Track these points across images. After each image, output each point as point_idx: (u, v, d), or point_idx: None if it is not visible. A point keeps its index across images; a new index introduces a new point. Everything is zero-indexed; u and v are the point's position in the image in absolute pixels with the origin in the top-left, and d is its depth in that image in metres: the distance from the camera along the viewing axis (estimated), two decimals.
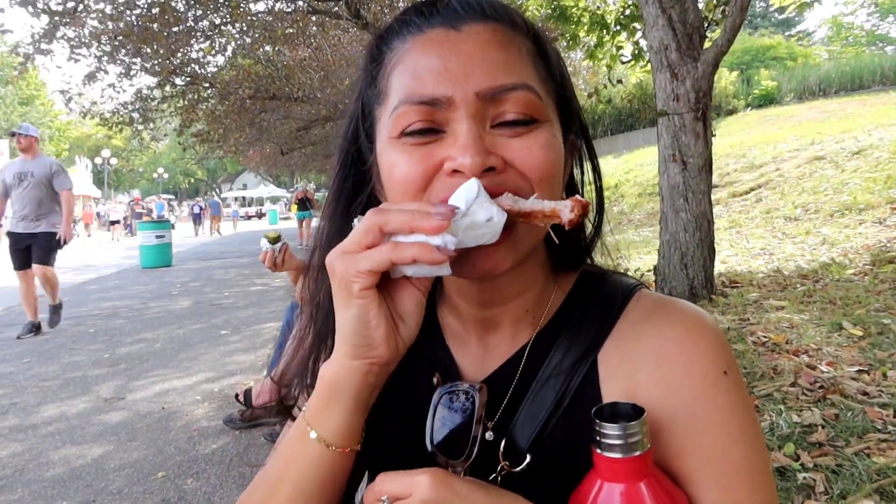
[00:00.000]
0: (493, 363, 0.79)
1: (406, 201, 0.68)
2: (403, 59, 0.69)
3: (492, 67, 0.65)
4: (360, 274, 0.60)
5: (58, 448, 4.25)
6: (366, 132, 0.76)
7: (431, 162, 0.66)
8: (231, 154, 22.96)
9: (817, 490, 2.58)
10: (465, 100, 0.64)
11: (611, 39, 9.29)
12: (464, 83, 0.64)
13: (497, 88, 0.65)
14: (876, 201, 8.64)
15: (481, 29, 0.67)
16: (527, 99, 0.66)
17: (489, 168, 0.63)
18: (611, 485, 0.61)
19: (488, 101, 0.65)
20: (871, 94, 22.90)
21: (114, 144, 54.08)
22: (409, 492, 0.61)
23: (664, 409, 0.68)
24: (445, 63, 0.65)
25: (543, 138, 0.67)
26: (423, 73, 0.66)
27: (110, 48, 11.48)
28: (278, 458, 0.74)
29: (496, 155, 0.64)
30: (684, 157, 5.64)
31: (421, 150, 0.67)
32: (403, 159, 0.67)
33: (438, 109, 0.65)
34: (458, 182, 0.63)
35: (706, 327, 0.72)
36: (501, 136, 0.66)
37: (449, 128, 0.66)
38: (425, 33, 0.69)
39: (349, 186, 0.79)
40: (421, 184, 0.67)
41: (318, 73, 14.17)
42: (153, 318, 8.78)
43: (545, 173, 0.66)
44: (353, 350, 0.64)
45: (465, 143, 0.63)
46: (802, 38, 55.70)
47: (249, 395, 4.36)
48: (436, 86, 0.65)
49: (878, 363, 3.73)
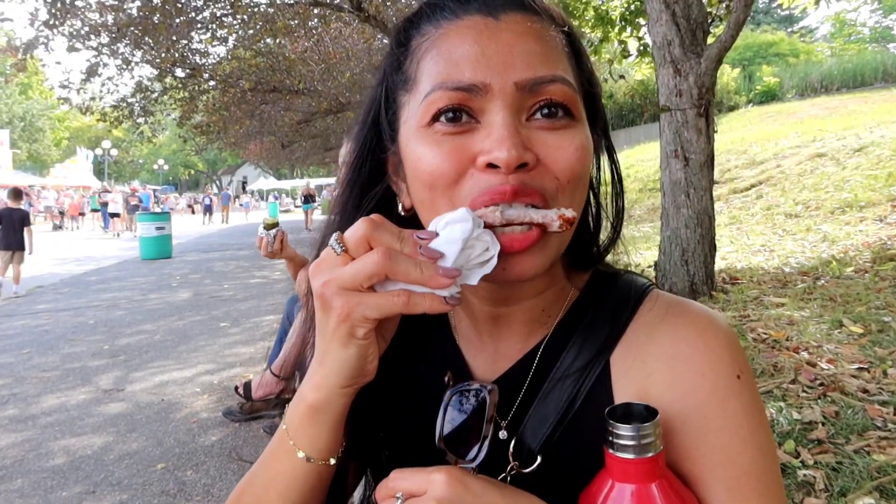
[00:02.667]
0: (504, 363, 0.78)
1: (434, 197, 0.66)
2: (437, 44, 0.67)
3: (531, 58, 0.64)
4: (368, 320, 0.59)
5: (57, 439, 4.25)
6: (388, 119, 0.74)
7: (464, 155, 0.63)
8: (231, 146, 22.94)
9: (817, 487, 2.58)
10: (502, 89, 0.63)
11: (616, 35, 9.26)
12: (503, 72, 0.63)
13: (537, 79, 0.63)
14: (877, 199, 8.64)
15: (520, 19, 0.66)
16: (564, 92, 0.65)
17: (522, 164, 0.62)
18: (622, 485, 0.60)
19: (526, 93, 0.63)
20: (873, 92, 22.90)
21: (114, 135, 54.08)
22: (424, 489, 0.60)
23: (676, 410, 0.67)
24: (484, 50, 0.64)
25: (578, 138, 0.65)
26: (459, 60, 0.64)
27: (109, 40, 11.45)
28: (265, 470, 0.74)
29: (531, 151, 0.63)
30: (686, 152, 5.63)
31: (452, 141, 0.64)
32: (433, 151, 0.65)
33: (474, 97, 0.63)
34: (493, 179, 0.62)
35: (720, 330, 0.71)
36: (537, 130, 0.64)
37: (484, 118, 0.64)
38: (462, 19, 0.67)
39: (365, 175, 0.77)
40: (452, 178, 0.64)
41: (319, 65, 14.13)
42: (153, 309, 8.78)
43: (574, 175, 0.65)
44: (345, 380, 0.64)
45: (501, 136, 0.61)
46: (805, 34, 55.54)
47: (249, 387, 4.36)
48: (473, 73, 0.63)
49: (879, 361, 3.74)
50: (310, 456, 0.68)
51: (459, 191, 0.64)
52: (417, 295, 0.58)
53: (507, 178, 0.61)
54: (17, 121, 48.32)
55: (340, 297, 0.59)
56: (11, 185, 14.71)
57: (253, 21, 11.81)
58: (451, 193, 0.65)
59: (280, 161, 38.62)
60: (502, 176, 0.62)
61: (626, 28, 9.25)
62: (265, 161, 37.03)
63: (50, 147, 52.47)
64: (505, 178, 0.62)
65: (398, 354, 0.84)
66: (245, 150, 26.34)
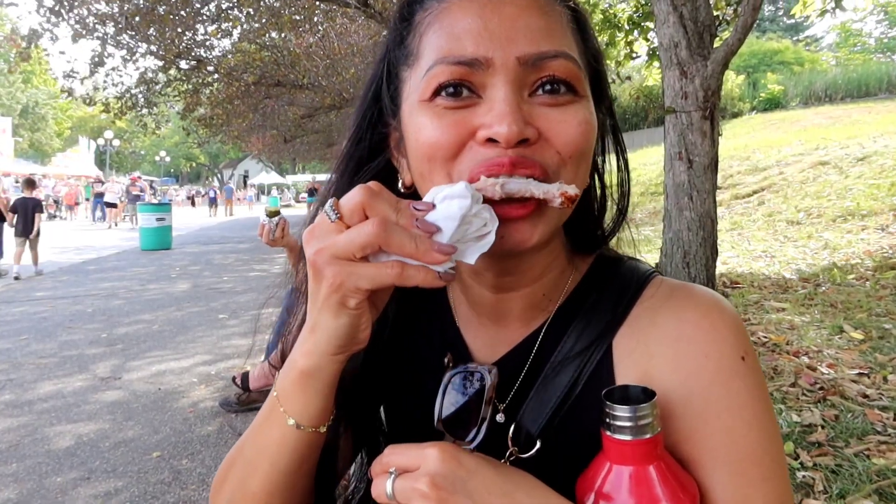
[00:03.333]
0: (505, 346, 0.77)
1: (433, 169, 0.65)
2: (439, 18, 0.66)
3: (534, 33, 0.63)
4: (360, 291, 0.58)
5: (53, 425, 4.25)
6: (390, 95, 0.73)
7: (464, 129, 0.63)
8: (234, 140, 22.93)
9: (816, 489, 2.58)
10: (504, 64, 0.62)
11: (623, 38, 9.26)
12: (505, 46, 0.62)
13: (540, 54, 0.62)
14: (879, 208, 8.63)
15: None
16: (568, 68, 0.64)
17: (523, 140, 0.61)
18: (619, 467, 0.60)
19: (529, 68, 0.63)
20: (877, 102, 22.91)
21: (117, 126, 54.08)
22: (418, 464, 0.60)
23: (679, 392, 0.66)
24: (487, 24, 0.63)
25: (581, 114, 0.64)
26: (461, 34, 0.63)
27: (114, 30, 11.45)
28: (255, 437, 0.73)
29: (532, 125, 0.62)
30: (690, 155, 5.62)
31: (453, 114, 0.63)
32: (434, 123, 0.64)
33: (476, 71, 0.63)
34: (491, 152, 0.61)
35: (724, 312, 0.70)
36: (539, 106, 0.63)
37: (485, 93, 0.63)
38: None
39: (363, 149, 0.76)
40: (451, 151, 0.63)
41: (323, 60, 14.12)
42: (152, 299, 8.78)
43: (577, 150, 0.64)
44: (336, 349, 0.63)
45: (502, 111, 0.60)
46: (810, 43, 55.59)
47: (247, 378, 4.36)
48: (475, 47, 0.62)
49: (879, 367, 3.74)
50: (300, 423, 0.68)
51: (458, 164, 0.63)
52: (411, 268, 0.56)
53: (507, 152, 0.61)
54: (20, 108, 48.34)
55: (333, 266, 0.58)
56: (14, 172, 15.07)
57: (258, 15, 11.81)
58: (450, 166, 0.64)
59: (282, 155, 38.61)
60: (501, 150, 0.61)
61: (634, 31, 9.25)
62: (267, 155, 37.00)
63: (52, 136, 52.50)
64: (504, 151, 0.61)
65: (398, 335, 0.83)
66: (247, 143, 26.28)
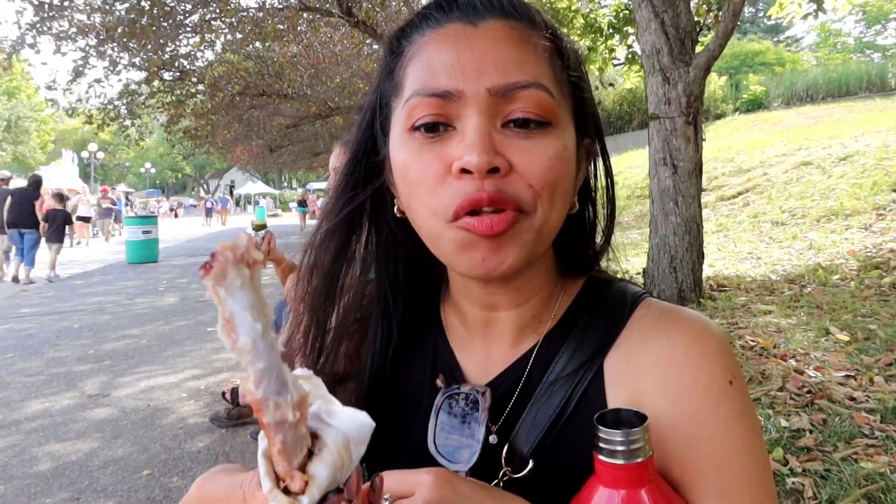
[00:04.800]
0: (497, 367, 0.78)
1: (418, 205, 0.67)
2: (419, 52, 0.68)
3: (505, 65, 0.64)
4: None
5: (41, 444, 4.21)
6: (381, 124, 0.75)
7: (441, 163, 0.64)
8: (219, 150, 22.83)
9: (806, 495, 2.59)
10: (476, 95, 0.63)
11: (604, 43, 9.32)
12: (476, 78, 0.64)
13: (510, 86, 0.64)
14: (862, 207, 8.72)
15: (498, 25, 0.66)
16: (539, 98, 0.65)
17: (494, 169, 0.62)
18: (612, 491, 0.60)
19: (500, 99, 0.64)
20: (857, 101, 23.16)
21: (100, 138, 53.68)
22: (412, 490, 0.60)
23: (669, 416, 0.67)
24: (460, 57, 0.65)
25: (553, 146, 0.65)
26: (436, 67, 0.66)
27: (96, 42, 11.39)
28: None
29: (503, 156, 0.63)
30: (675, 160, 5.67)
31: (432, 148, 0.65)
32: (413, 158, 0.66)
33: (449, 103, 0.64)
34: (468, 185, 0.62)
35: (713, 336, 0.71)
36: (511, 137, 0.64)
37: (459, 123, 0.65)
38: (443, 28, 0.68)
39: (358, 175, 0.78)
40: (431, 186, 0.65)
41: (308, 70, 14.10)
42: (139, 314, 8.72)
43: (548, 183, 0.65)
44: None
45: (472, 141, 0.62)
46: (791, 43, 56.25)
47: (237, 393, 4.34)
48: (448, 79, 0.64)
49: (865, 368, 3.77)
50: None
51: (440, 199, 0.65)
52: None
53: (483, 184, 0.62)
54: (3, 122, 47.92)
55: None
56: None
57: (242, 25, 11.78)
58: (432, 202, 0.66)
59: (268, 165, 38.47)
60: (477, 182, 0.62)
61: (615, 36, 9.31)
62: (253, 165, 36.89)
63: (35, 149, 52.03)
64: (480, 183, 0.62)
65: (385, 354, 0.84)
66: (233, 154, 26.15)
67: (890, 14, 46.76)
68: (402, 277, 0.84)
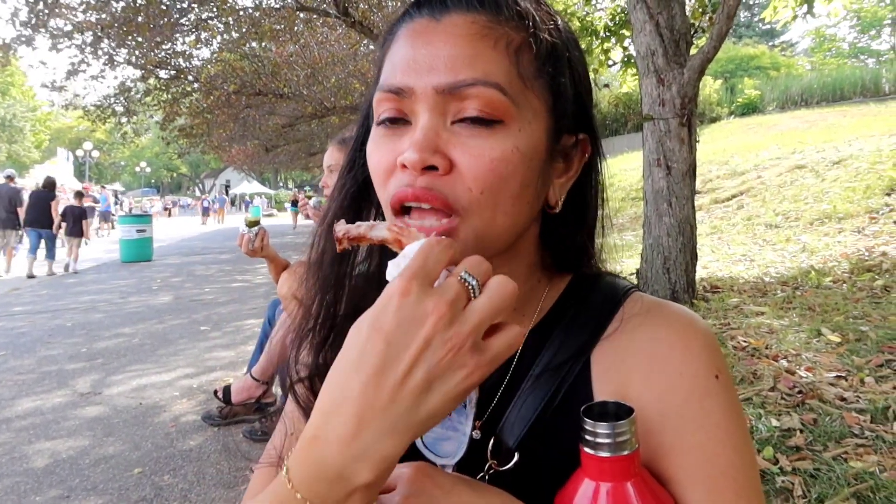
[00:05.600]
0: None
1: (378, 191, 0.70)
2: (391, 46, 0.70)
3: (455, 62, 0.63)
4: None
5: (32, 442, 4.19)
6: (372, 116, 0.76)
7: (392, 155, 0.66)
8: (214, 150, 22.77)
9: (795, 494, 2.60)
10: (424, 92, 0.64)
11: (599, 45, 9.34)
12: (426, 76, 0.64)
13: (456, 84, 0.63)
14: (855, 210, 8.76)
15: (460, 21, 0.65)
16: (488, 96, 0.63)
17: (432, 167, 0.62)
18: (598, 483, 0.60)
19: (448, 96, 0.63)
20: (851, 105, 23.29)
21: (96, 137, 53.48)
22: (393, 485, 0.60)
23: (654, 410, 0.67)
24: (415, 54, 0.65)
25: (499, 147, 0.63)
26: (397, 63, 0.67)
27: (92, 39, 11.35)
28: None
29: (443, 154, 0.63)
30: (669, 161, 5.68)
31: (388, 141, 0.67)
32: (375, 151, 0.68)
33: (404, 99, 0.65)
34: (405, 178, 0.64)
35: (699, 331, 0.72)
36: (459, 135, 0.64)
37: (413, 119, 0.66)
38: (413, 22, 0.68)
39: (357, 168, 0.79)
40: (383, 177, 0.67)
41: (304, 70, 14.09)
42: (132, 312, 8.69)
43: (488, 186, 0.63)
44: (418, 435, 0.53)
45: (415, 138, 0.63)
46: (786, 48, 56.43)
47: (229, 391, 4.33)
48: (402, 76, 0.65)
49: (856, 369, 3.78)
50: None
51: (388, 188, 0.67)
52: None
53: (416, 180, 0.63)
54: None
55: (476, 350, 0.51)
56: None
57: (238, 24, 11.76)
58: (383, 193, 0.68)
59: (264, 165, 38.41)
60: (412, 176, 0.63)
61: (611, 39, 9.34)
62: (248, 165, 36.83)
63: (30, 148, 51.85)
64: (413, 178, 0.63)
65: None
66: (228, 153, 26.08)
67: (884, 20, 46.98)
68: None
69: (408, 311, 0.49)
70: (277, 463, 0.78)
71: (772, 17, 8.30)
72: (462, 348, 0.49)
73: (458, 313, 0.50)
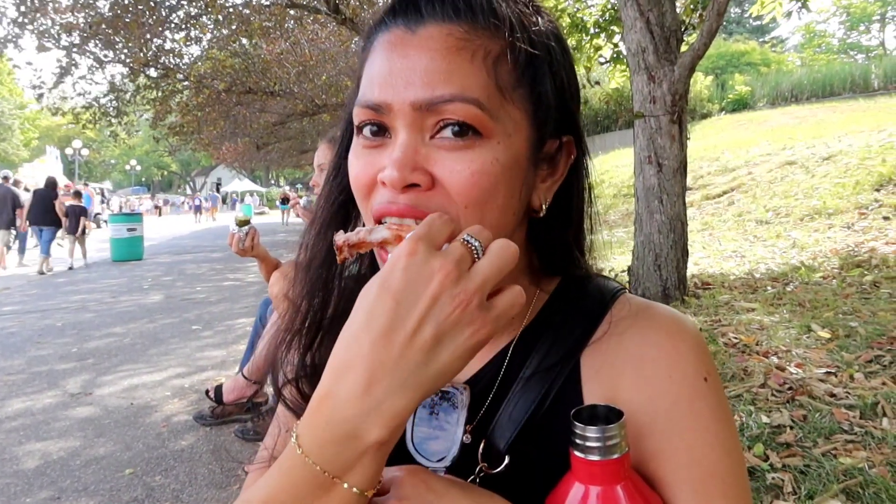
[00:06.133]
0: (474, 364, 0.78)
1: (359, 203, 0.70)
2: (368, 57, 0.69)
3: (432, 77, 0.62)
4: None
5: (22, 443, 4.16)
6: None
7: (373, 170, 0.66)
8: (205, 147, 22.66)
9: (785, 490, 2.62)
10: (401, 109, 0.63)
11: (590, 42, 9.34)
12: (403, 91, 0.63)
13: (434, 100, 0.62)
14: (845, 206, 8.81)
15: (436, 33, 0.64)
16: (466, 111, 0.62)
17: (414, 184, 0.62)
18: (588, 487, 0.60)
19: (425, 112, 0.63)
20: (841, 101, 23.40)
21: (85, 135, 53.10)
22: (387, 488, 0.60)
23: (644, 412, 0.68)
24: (391, 68, 0.64)
25: (479, 160, 0.63)
26: (373, 77, 0.66)
27: (80, 40, 11.28)
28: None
29: (424, 171, 0.63)
30: (660, 158, 5.70)
31: (368, 154, 0.67)
32: (357, 162, 0.68)
33: (382, 115, 0.65)
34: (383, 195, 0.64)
35: (688, 333, 0.72)
36: (438, 150, 0.63)
37: (393, 133, 0.65)
38: (389, 31, 0.67)
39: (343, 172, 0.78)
40: (365, 191, 0.67)
41: (295, 67, 14.04)
42: (123, 312, 8.65)
43: (472, 199, 0.63)
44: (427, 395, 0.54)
45: (394, 156, 0.62)
46: (776, 44, 56.73)
47: (220, 391, 4.32)
48: (379, 92, 0.64)
49: (846, 365, 3.81)
50: (366, 490, 0.55)
51: (371, 201, 0.67)
52: None
53: (398, 198, 0.63)
54: None
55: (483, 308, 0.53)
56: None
57: (228, 21, 11.70)
58: (365, 207, 0.68)
59: (255, 163, 38.29)
60: (392, 194, 0.63)
61: (601, 35, 9.34)
62: (239, 163, 36.68)
63: (19, 146, 51.46)
64: (396, 196, 0.63)
65: None
66: (219, 151, 25.95)
67: (873, 15, 47.25)
68: None
69: (415, 270, 0.51)
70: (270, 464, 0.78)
71: (759, 12, 8.33)
72: (469, 305, 0.51)
73: (463, 272, 0.52)
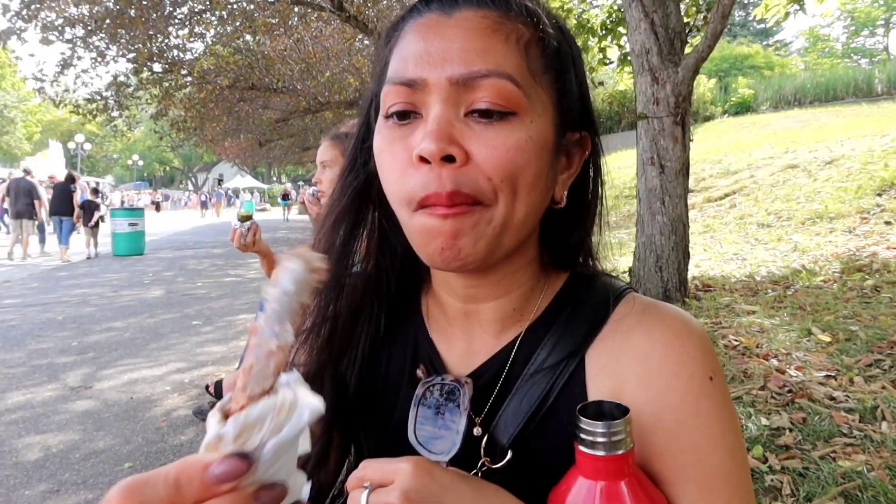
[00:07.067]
0: (479, 357, 0.78)
1: (391, 191, 0.69)
2: (400, 41, 0.70)
3: (469, 54, 0.64)
4: None
5: (22, 436, 4.17)
6: (375, 112, 0.76)
7: (406, 152, 0.66)
8: (208, 143, 22.67)
9: (784, 492, 2.62)
10: (438, 84, 0.64)
11: (597, 44, 9.34)
12: (439, 68, 0.64)
13: (471, 74, 0.64)
14: (846, 210, 8.79)
15: (471, 15, 0.66)
16: (501, 87, 0.64)
17: (449, 158, 0.63)
18: (592, 482, 0.60)
19: (461, 88, 0.64)
20: (844, 106, 23.37)
21: (88, 129, 53.15)
22: (391, 479, 0.60)
23: (649, 410, 0.68)
24: (427, 47, 0.65)
25: (514, 136, 0.64)
26: (408, 56, 0.67)
27: (84, 33, 11.28)
28: None
29: (460, 145, 0.63)
30: (662, 160, 5.69)
31: (401, 136, 0.67)
32: (387, 147, 0.68)
33: (416, 91, 0.65)
34: (428, 175, 0.63)
35: (694, 332, 0.72)
36: (473, 126, 0.64)
37: (425, 112, 0.66)
38: (422, 18, 0.69)
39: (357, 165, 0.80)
40: (398, 174, 0.67)
41: (298, 64, 14.05)
42: (124, 306, 8.65)
43: (507, 174, 0.64)
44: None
45: (430, 129, 0.63)
46: (780, 47, 56.69)
47: (220, 386, 4.32)
48: (415, 69, 0.65)
49: (846, 369, 3.80)
50: None
51: (406, 187, 0.66)
52: None
53: (441, 174, 0.63)
54: None
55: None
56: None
57: (231, 18, 11.71)
58: (399, 190, 0.67)
59: (257, 159, 38.31)
60: (436, 171, 0.63)
61: (608, 37, 9.33)
62: (242, 159, 36.69)
63: (21, 140, 51.48)
64: (438, 172, 0.63)
65: (372, 348, 0.84)
66: (222, 147, 25.96)
67: (878, 20, 47.23)
68: (399, 264, 0.85)
69: None
70: None
71: (763, 15, 8.32)
72: None
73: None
